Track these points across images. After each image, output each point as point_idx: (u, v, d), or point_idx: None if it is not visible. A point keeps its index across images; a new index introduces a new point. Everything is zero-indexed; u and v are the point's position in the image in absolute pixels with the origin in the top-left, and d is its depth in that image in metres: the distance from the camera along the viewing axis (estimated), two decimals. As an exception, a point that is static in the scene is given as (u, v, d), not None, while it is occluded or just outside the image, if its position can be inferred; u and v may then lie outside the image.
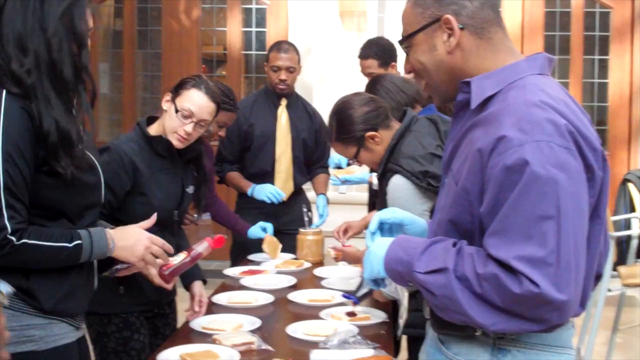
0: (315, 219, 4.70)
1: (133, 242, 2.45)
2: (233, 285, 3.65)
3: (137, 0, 8.28)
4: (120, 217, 3.05)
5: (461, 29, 1.87)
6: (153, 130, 3.24)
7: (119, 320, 3.15)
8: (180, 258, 2.85)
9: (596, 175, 1.76)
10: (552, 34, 7.84)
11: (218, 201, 4.41)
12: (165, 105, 3.22)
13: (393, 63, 4.89)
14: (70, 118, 2.19)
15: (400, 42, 1.99)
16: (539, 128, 1.69)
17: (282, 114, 4.84)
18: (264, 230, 4.34)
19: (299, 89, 5.04)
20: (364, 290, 2.55)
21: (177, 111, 3.14)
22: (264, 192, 4.65)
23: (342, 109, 3.16)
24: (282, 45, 4.80)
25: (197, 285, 3.26)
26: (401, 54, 5.08)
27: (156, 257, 2.52)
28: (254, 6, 8.16)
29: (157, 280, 2.75)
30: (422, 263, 1.82)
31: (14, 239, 2.11)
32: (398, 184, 3.01)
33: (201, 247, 2.89)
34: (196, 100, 3.16)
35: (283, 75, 4.73)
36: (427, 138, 3.07)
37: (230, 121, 4.23)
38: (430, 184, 2.93)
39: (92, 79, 2.29)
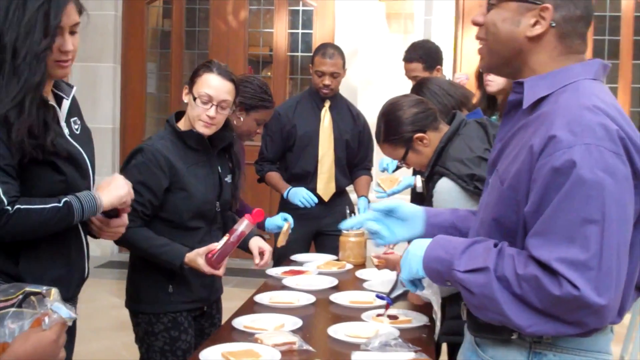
0: None
1: (110, 182, 2.55)
2: (275, 285, 3.66)
3: (186, 1, 8.37)
4: (164, 215, 3.17)
5: (551, 25, 1.86)
6: (182, 125, 3.28)
7: (167, 319, 3.21)
8: (223, 241, 3.00)
9: None
10: (602, 38, 7.74)
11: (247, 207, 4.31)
12: (186, 98, 3.25)
13: (438, 66, 4.85)
14: (17, 101, 2.29)
15: None
16: (589, 131, 1.69)
17: (326, 115, 4.85)
18: (285, 220, 4.21)
19: (344, 90, 5.04)
20: (398, 292, 2.55)
21: (195, 99, 3.17)
22: (298, 196, 4.66)
23: (390, 110, 3.15)
24: (327, 50, 4.78)
25: (253, 241, 3.40)
26: (447, 58, 5.06)
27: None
28: (300, 8, 8.20)
29: (207, 269, 2.96)
30: (462, 262, 1.83)
31: (9, 208, 2.24)
32: (445, 186, 3.00)
33: (242, 225, 3.04)
34: (211, 83, 3.18)
35: (327, 80, 4.74)
36: (475, 141, 3.05)
37: (268, 117, 4.24)
38: (477, 187, 2.91)
39: (56, 70, 2.42)
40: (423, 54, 4.83)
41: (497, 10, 1.92)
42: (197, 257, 3.06)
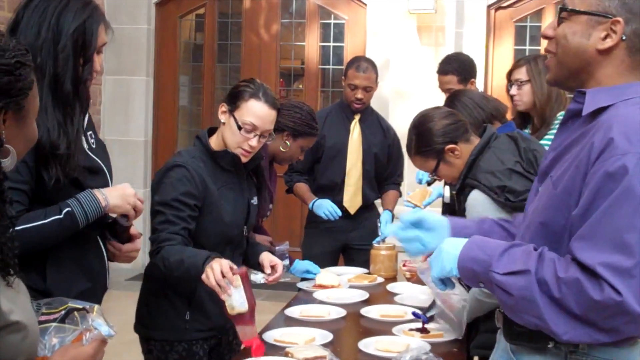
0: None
1: (119, 188, 2.49)
2: (306, 298, 3.66)
3: (218, 14, 8.42)
4: (194, 236, 3.01)
5: (622, 39, 1.88)
6: (214, 143, 3.12)
7: (182, 348, 3.05)
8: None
9: None
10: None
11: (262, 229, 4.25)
12: (223, 117, 3.09)
13: (472, 79, 4.84)
14: (63, 129, 2.31)
15: (562, 10, 1.97)
16: None
17: (355, 128, 4.86)
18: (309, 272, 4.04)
19: (375, 103, 5.05)
20: (434, 311, 2.54)
21: (239, 127, 3.02)
22: (322, 208, 4.63)
23: (421, 122, 3.15)
24: (360, 64, 4.77)
25: (264, 255, 3.22)
26: (478, 71, 5.05)
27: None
28: (332, 21, 8.22)
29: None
30: (501, 264, 1.86)
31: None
32: (477, 199, 2.99)
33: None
34: (258, 112, 3.03)
35: (359, 94, 4.74)
36: (506, 154, 3.04)
37: (312, 144, 4.17)
38: (507, 199, 2.90)
39: (88, 92, 2.43)
40: (458, 67, 4.82)
41: (568, 24, 1.95)
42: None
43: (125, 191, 2.48)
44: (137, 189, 2.97)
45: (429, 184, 4.59)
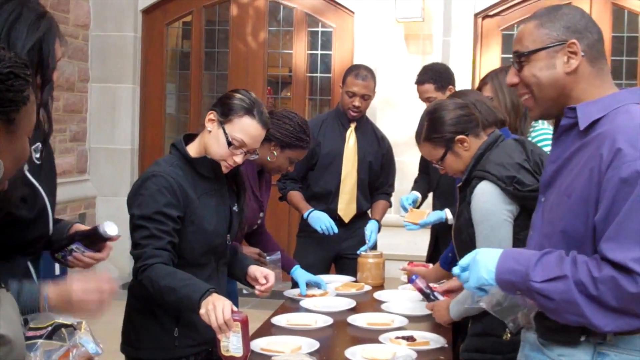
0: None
1: (66, 298, 2.09)
2: (293, 307, 3.66)
3: (205, 22, 8.41)
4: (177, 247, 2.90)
5: (582, 55, 2.11)
6: (193, 150, 3.01)
7: None
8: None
9: None
10: (619, 59, 7.70)
11: (266, 234, 4.23)
12: (210, 125, 2.95)
13: (450, 86, 4.88)
14: None
15: (518, 56, 2.19)
16: None
17: (351, 136, 4.84)
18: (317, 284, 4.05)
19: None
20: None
21: (228, 142, 2.90)
22: (320, 222, 4.57)
23: (435, 110, 3.17)
24: (360, 72, 4.75)
25: (253, 268, 3.14)
26: (465, 78, 5.06)
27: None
28: (320, 29, 8.22)
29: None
30: (537, 273, 2.01)
31: None
32: (484, 189, 2.98)
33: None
34: (250, 131, 2.92)
35: (357, 102, 4.72)
36: (515, 152, 3.04)
37: (302, 157, 4.06)
38: (516, 189, 2.90)
39: (50, 115, 2.17)
40: (433, 75, 4.92)
41: (531, 64, 2.17)
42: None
43: (68, 300, 2.09)
44: (123, 197, 2.90)
45: (418, 206, 4.63)
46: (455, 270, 2.29)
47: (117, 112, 8.25)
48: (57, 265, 2.60)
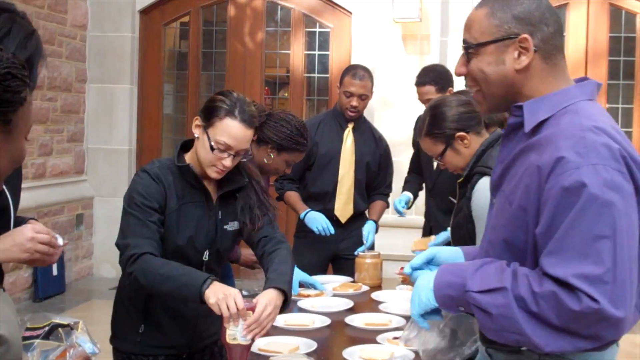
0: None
1: (14, 237, 2.11)
2: (290, 307, 3.65)
3: (203, 22, 8.41)
4: None
5: (534, 51, 1.93)
6: (189, 157, 2.94)
7: None
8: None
9: None
10: (617, 59, 7.72)
11: None
12: (196, 131, 2.89)
13: (450, 88, 4.88)
14: None
15: (466, 47, 2.01)
16: (594, 152, 1.77)
17: (348, 136, 4.83)
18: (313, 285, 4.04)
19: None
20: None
21: (212, 147, 2.81)
22: (316, 222, 4.56)
23: (437, 105, 3.17)
24: (357, 72, 4.73)
25: (264, 295, 2.72)
26: (458, 80, 5.06)
27: (46, 244, 2.16)
28: (317, 29, 8.22)
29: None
30: (475, 282, 1.87)
31: None
32: (486, 185, 2.97)
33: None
34: (232, 133, 2.81)
35: (355, 102, 4.70)
36: None
37: (300, 159, 4.02)
38: None
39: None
40: (434, 77, 4.91)
41: (479, 58, 1.99)
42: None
43: (16, 239, 2.11)
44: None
45: (408, 207, 4.65)
46: (406, 269, 2.22)
47: (115, 112, 8.25)
48: (54, 265, 2.61)
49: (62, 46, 7.66)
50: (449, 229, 4.26)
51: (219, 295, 2.57)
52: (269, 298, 2.67)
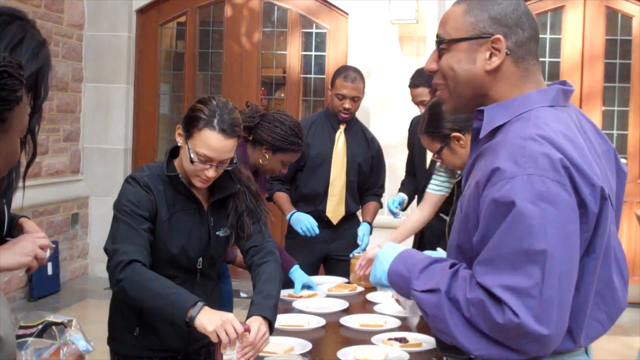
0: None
1: (16, 243, 2.11)
2: (285, 307, 3.65)
3: (199, 22, 8.41)
4: None
5: (507, 53, 1.89)
6: (178, 163, 2.88)
7: None
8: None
9: (589, 211, 1.76)
10: (613, 62, 7.73)
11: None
12: (179, 140, 2.84)
13: None
14: None
15: (439, 42, 1.97)
16: (532, 162, 1.72)
17: (340, 138, 4.82)
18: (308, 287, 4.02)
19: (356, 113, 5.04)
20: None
21: (191, 160, 2.74)
22: (300, 223, 4.53)
23: (437, 104, 3.18)
24: (349, 74, 4.71)
25: (254, 322, 2.68)
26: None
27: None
28: (314, 30, 8.22)
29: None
30: (420, 281, 1.88)
31: None
32: None
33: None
34: (211, 144, 2.72)
35: (347, 104, 4.68)
36: None
37: (295, 159, 4.07)
38: None
39: (35, 141, 2.09)
40: (429, 79, 4.86)
41: (450, 54, 1.95)
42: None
43: (22, 260, 2.09)
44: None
45: (404, 209, 4.65)
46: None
47: (111, 112, 8.24)
48: (49, 265, 2.60)
49: (58, 45, 7.66)
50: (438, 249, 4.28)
51: (217, 322, 2.52)
52: (260, 322, 2.67)
